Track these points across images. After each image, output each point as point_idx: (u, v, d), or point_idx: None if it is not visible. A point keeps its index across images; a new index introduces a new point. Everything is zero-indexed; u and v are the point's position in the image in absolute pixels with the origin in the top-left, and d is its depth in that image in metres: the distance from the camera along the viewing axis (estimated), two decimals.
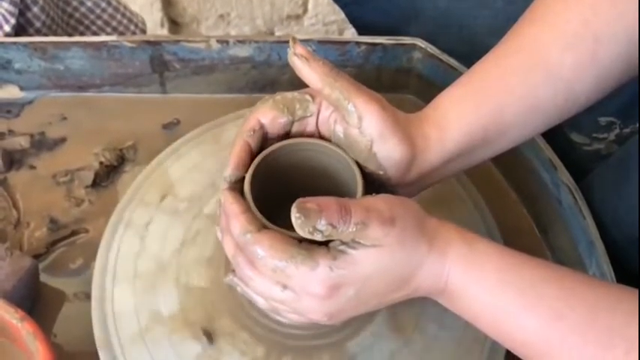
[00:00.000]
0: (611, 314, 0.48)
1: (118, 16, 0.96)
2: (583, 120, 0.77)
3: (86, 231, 0.73)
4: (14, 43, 0.78)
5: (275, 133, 0.57)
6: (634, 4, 0.55)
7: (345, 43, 0.80)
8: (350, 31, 1.63)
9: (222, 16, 1.65)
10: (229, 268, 0.58)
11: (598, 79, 0.58)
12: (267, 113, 0.57)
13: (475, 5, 0.83)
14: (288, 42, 0.55)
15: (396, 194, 0.54)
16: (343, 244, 0.50)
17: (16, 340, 0.56)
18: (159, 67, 0.80)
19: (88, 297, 0.65)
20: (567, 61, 0.57)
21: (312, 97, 0.57)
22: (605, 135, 0.80)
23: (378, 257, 0.50)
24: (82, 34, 0.94)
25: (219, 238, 0.57)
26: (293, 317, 0.55)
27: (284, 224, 0.51)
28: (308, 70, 0.54)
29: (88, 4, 0.94)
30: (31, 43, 0.78)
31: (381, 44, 0.80)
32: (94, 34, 0.95)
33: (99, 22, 0.95)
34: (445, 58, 0.79)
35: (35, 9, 0.83)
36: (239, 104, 0.80)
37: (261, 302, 0.56)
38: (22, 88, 0.82)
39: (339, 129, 0.56)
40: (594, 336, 0.48)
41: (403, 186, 0.57)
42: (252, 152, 0.57)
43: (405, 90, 0.84)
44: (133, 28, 0.99)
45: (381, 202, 0.51)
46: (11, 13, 0.80)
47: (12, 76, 0.80)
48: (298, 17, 1.67)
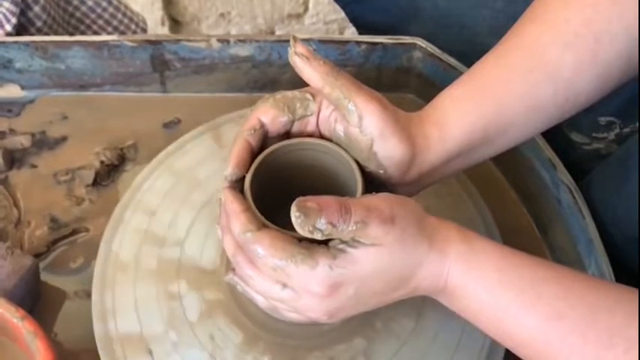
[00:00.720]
0: (611, 314, 0.48)
1: (119, 16, 0.96)
2: (583, 119, 0.77)
3: (87, 230, 0.73)
4: (15, 43, 0.78)
5: (275, 132, 0.58)
6: (634, 3, 0.55)
7: (345, 42, 0.80)
8: (350, 30, 1.63)
9: (222, 14, 1.65)
10: (229, 266, 0.58)
11: (598, 78, 0.57)
12: (268, 112, 0.57)
13: (475, 5, 0.83)
14: (289, 41, 0.55)
15: (396, 193, 0.54)
16: (343, 243, 0.50)
17: (16, 339, 0.56)
18: (159, 66, 0.80)
19: (88, 296, 0.65)
20: (567, 60, 0.57)
21: (312, 96, 0.57)
22: (604, 134, 0.80)
23: (377, 256, 0.50)
24: (83, 33, 0.94)
25: (220, 236, 0.57)
26: (292, 316, 0.55)
27: (284, 223, 0.51)
28: (309, 69, 0.54)
29: (89, 3, 0.94)
30: (32, 42, 0.78)
31: (381, 43, 0.80)
32: (95, 33, 0.95)
33: (100, 22, 0.95)
34: (445, 57, 0.79)
35: (36, 8, 0.83)
36: (240, 103, 0.80)
37: (261, 301, 0.56)
38: (23, 87, 0.82)
39: (340, 128, 0.57)
40: (594, 335, 0.48)
41: (403, 185, 0.58)
42: (253, 151, 0.57)
43: (405, 89, 0.84)
44: (133, 27, 0.99)
45: (381, 201, 0.51)
46: (12, 13, 0.80)
47: (13, 75, 0.80)
48: (299, 16, 1.67)
